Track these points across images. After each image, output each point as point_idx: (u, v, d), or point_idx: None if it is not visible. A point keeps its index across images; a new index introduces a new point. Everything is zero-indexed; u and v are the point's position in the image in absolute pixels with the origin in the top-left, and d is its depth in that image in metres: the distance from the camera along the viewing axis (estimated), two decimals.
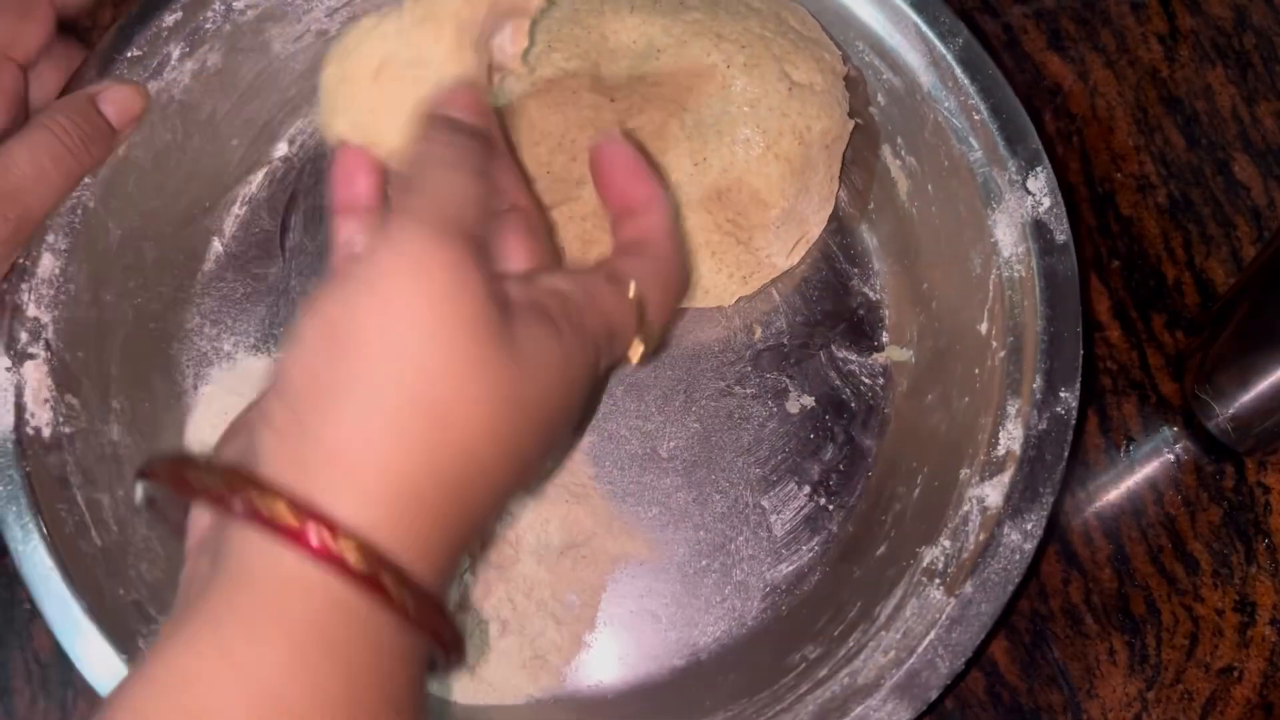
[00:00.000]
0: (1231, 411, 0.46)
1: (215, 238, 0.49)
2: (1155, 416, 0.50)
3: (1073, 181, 0.53)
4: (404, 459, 0.27)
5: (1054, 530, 0.48)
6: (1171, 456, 0.49)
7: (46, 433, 0.41)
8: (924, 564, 0.41)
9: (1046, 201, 0.44)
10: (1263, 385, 0.45)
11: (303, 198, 0.50)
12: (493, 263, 0.30)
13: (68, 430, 0.42)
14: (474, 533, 0.30)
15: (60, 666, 0.45)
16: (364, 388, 0.27)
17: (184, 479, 0.28)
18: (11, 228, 0.40)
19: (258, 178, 0.50)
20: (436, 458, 0.27)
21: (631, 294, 0.33)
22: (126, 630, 0.39)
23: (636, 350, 0.34)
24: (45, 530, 0.39)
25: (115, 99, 0.43)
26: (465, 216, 0.29)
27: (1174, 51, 0.55)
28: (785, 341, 0.49)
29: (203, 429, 0.46)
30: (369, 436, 0.27)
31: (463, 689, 0.43)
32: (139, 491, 0.31)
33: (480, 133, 0.32)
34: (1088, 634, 0.47)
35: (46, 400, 0.41)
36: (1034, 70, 0.55)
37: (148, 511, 0.31)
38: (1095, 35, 0.55)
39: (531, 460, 0.30)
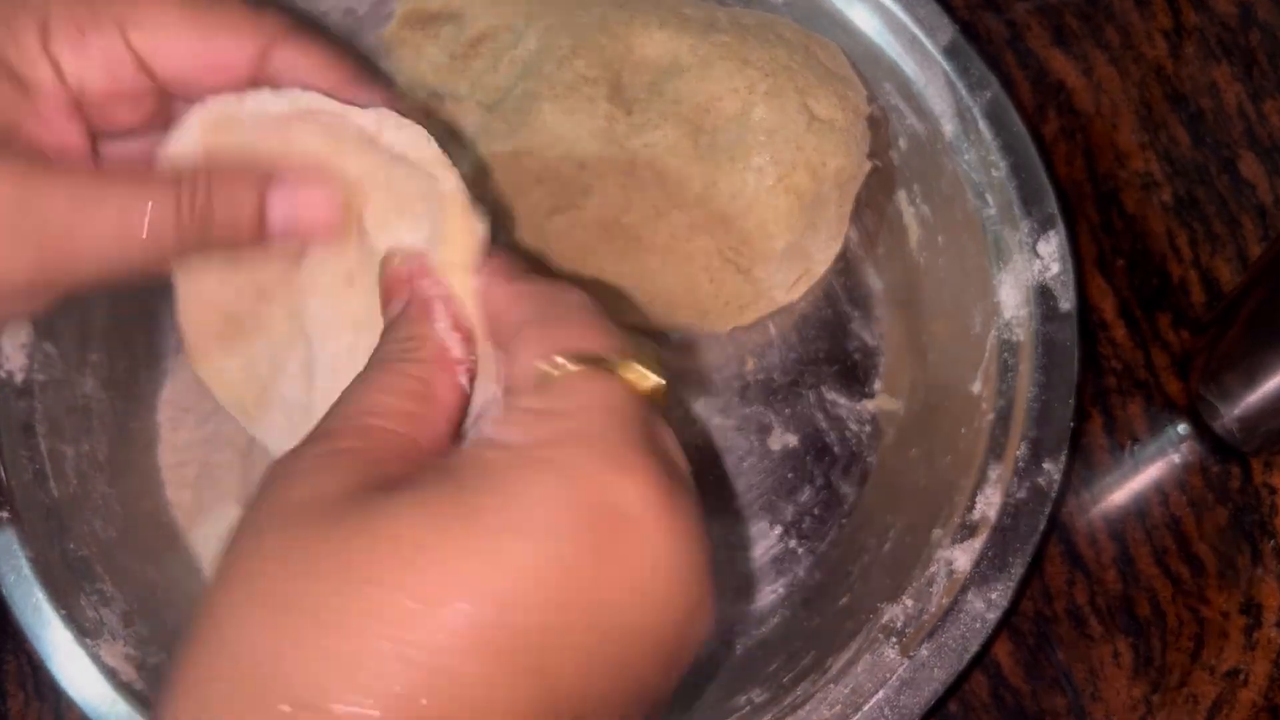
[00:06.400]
0: (1237, 412, 0.45)
1: None
2: (1160, 416, 0.49)
3: (1076, 179, 0.52)
4: None
5: (1058, 531, 0.47)
6: (1177, 457, 0.48)
7: (19, 378, 0.41)
8: (883, 620, 0.40)
9: (1055, 267, 0.43)
10: (1269, 385, 0.43)
11: None
12: None
13: (41, 378, 0.41)
14: None
15: None
16: None
17: None
18: (34, 264, 0.27)
19: None
20: None
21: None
22: (71, 585, 0.39)
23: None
24: (3, 474, 0.39)
25: (295, 203, 0.29)
26: None
27: (1179, 48, 0.54)
28: (776, 377, 0.48)
29: (178, 392, 0.45)
30: None
31: None
32: None
33: None
34: (1092, 636, 0.46)
35: (23, 345, 0.41)
36: (1038, 67, 0.54)
37: None
38: (1099, 32, 0.54)
39: None
